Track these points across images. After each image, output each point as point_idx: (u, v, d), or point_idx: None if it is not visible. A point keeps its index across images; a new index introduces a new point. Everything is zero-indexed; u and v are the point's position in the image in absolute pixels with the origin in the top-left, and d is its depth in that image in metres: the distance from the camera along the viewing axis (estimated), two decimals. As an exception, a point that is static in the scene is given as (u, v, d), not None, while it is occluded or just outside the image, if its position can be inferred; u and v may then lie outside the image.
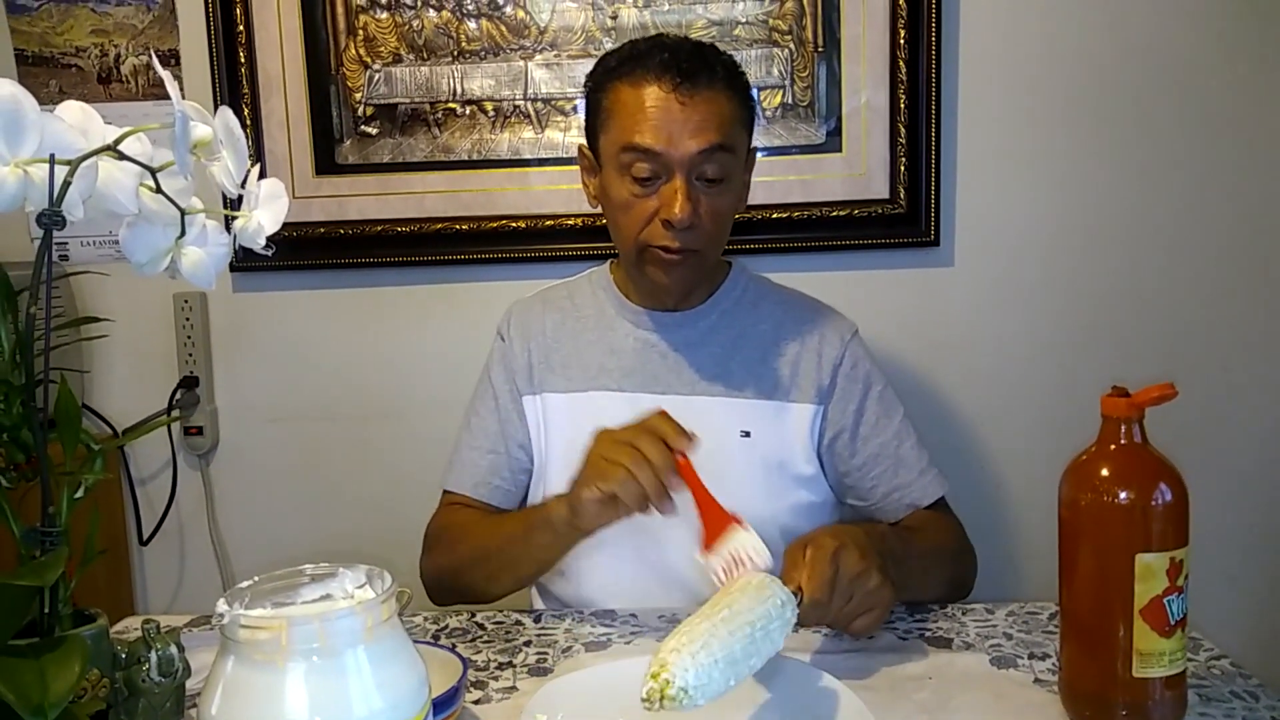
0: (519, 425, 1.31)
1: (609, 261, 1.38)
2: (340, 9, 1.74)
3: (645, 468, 0.99)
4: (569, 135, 1.75)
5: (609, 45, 1.72)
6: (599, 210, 1.27)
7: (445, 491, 1.33)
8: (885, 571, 0.98)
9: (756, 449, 1.24)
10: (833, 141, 1.72)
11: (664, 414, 1.03)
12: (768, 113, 1.71)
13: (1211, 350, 1.73)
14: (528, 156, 1.76)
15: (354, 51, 1.75)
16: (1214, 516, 1.61)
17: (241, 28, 1.73)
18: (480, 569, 1.20)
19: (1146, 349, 1.73)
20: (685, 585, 1.21)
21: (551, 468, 1.28)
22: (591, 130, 1.25)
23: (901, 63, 1.67)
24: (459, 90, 1.75)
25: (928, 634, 1.07)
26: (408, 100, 1.76)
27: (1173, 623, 0.81)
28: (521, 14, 1.73)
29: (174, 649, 0.80)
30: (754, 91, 1.26)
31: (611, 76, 1.20)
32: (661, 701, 0.74)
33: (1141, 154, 1.70)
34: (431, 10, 1.74)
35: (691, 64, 1.16)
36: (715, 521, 0.99)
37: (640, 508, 1.01)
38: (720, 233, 1.22)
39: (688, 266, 1.21)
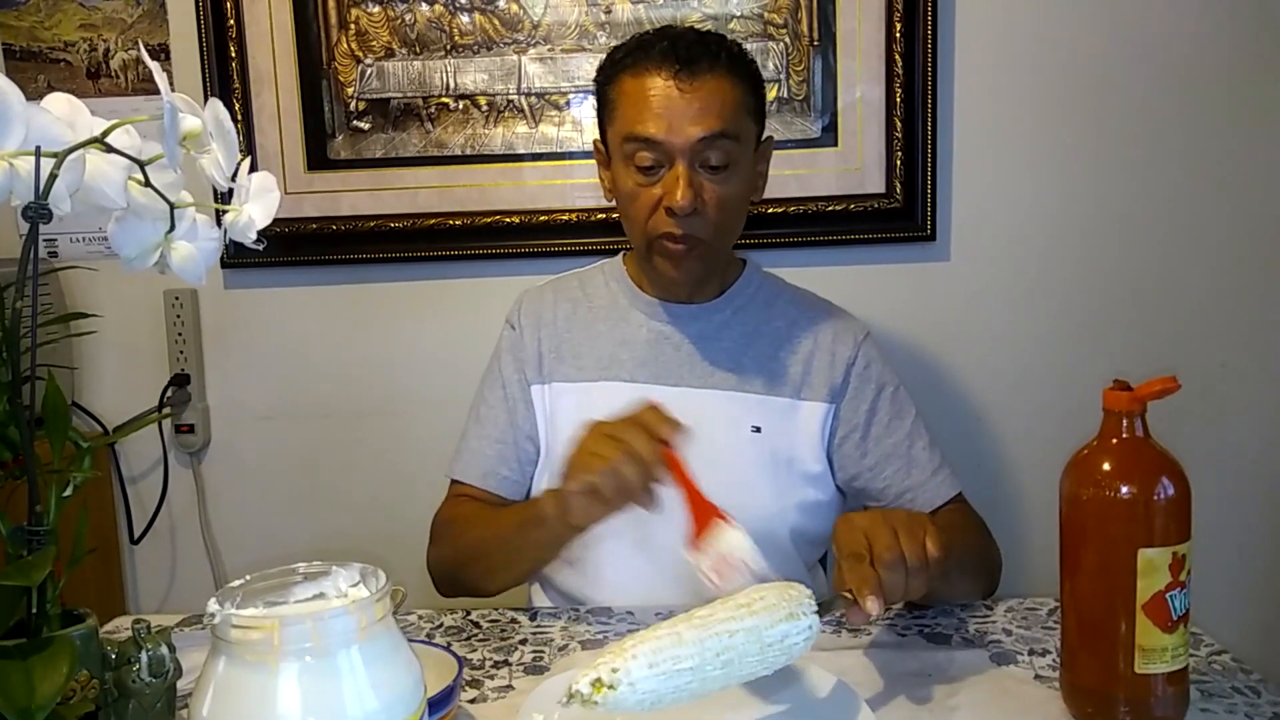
0: (527, 416, 1.30)
1: (622, 253, 1.37)
2: (332, 2, 1.72)
3: (630, 462, 0.95)
4: (563, 130, 1.74)
5: (603, 40, 1.71)
6: (611, 204, 1.27)
7: (453, 481, 1.31)
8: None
9: (767, 444, 1.23)
10: (828, 136, 1.71)
11: (653, 405, 1.00)
12: (763, 107, 1.70)
13: (1211, 344, 1.73)
14: (521, 151, 1.75)
15: (346, 45, 1.74)
16: (1214, 511, 1.60)
17: (232, 21, 1.71)
18: (479, 564, 1.19)
19: (1145, 343, 1.73)
20: (693, 581, 1.20)
21: (557, 458, 1.27)
22: (601, 123, 1.25)
23: (897, 57, 1.66)
24: (452, 85, 1.74)
25: (926, 630, 1.06)
26: (400, 95, 1.75)
27: (1175, 618, 0.80)
28: (515, 8, 1.72)
29: (165, 649, 0.79)
30: (763, 79, 1.24)
31: (618, 69, 1.20)
32: (594, 691, 0.72)
33: (1138, 147, 1.70)
34: (424, 4, 1.72)
35: (692, 51, 1.15)
36: (703, 516, 0.96)
37: (624, 502, 0.98)
38: (728, 222, 1.21)
39: (695, 258, 1.20)
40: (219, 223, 0.74)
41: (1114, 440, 0.83)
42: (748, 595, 0.82)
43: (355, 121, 1.76)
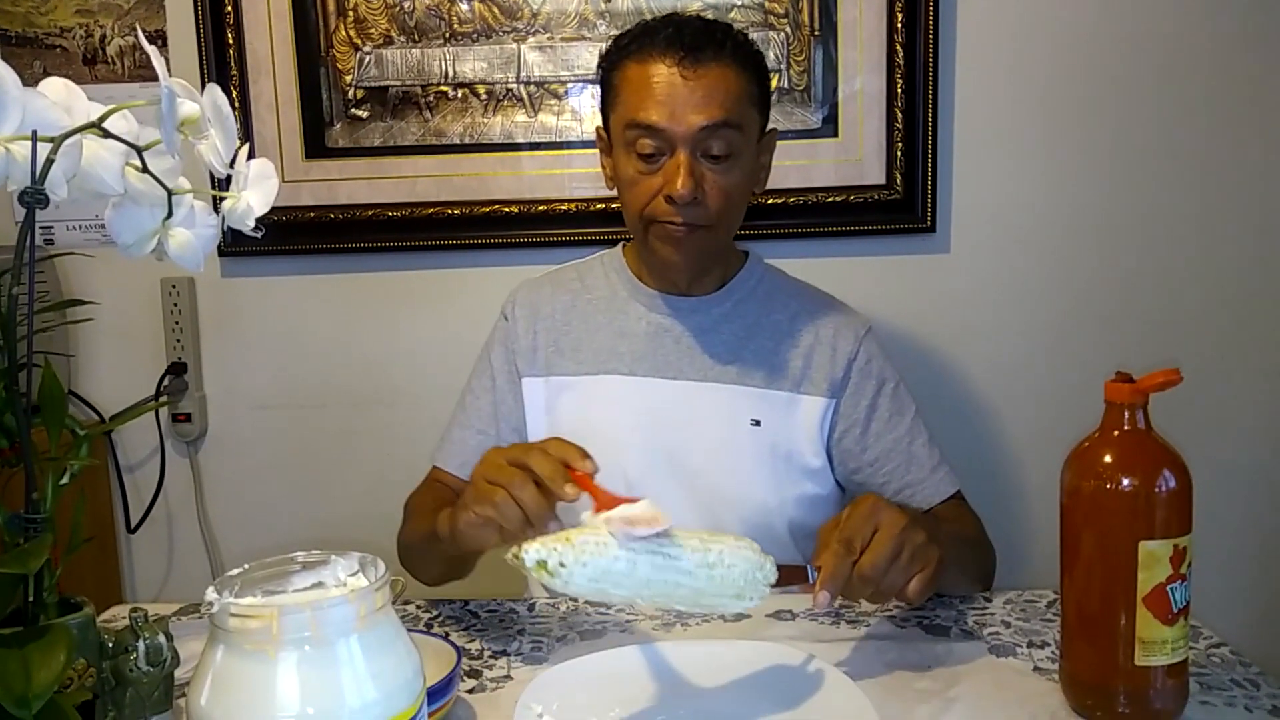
0: (514, 408, 1.29)
1: (621, 244, 1.36)
2: (330, -10, 1.72)
3: (528, 490, 0.89)
4: (562, 119, 1.73)
5: (603, 28, 1.70)
6: (610, 193, 1.26)
7: (433, 466, 1.32)
8: (926, 529, 0.93)
9: (766, 438, 1.23)
10: (828, 127, 1.70)
11: (559, 439, 0.92)
12: (763, 97, 1.69)
13: (1211, 336, 1.73)
14: (520, 141, 1.74)
15: (344, 33, 1.73)
16: (1214, 503, 1.60)
17: (229, 8, 1.71)
18: (411, 554, 1.21)
19: (1144, 336, 1.72)
20: None
21: None
22: (604, 110, 1.24)
23: (898, 47, 1.66)
24: (451, 73, 1.73)
25: (925, 622, 1.06)
26: (399, 83, 1.74)
27: (1175, 611, 0.80)
28: (514, -4, 1.71)
29: (162, 638, 0.78)
30: (768, 70, 1.23)
31: (622, 55, 1.19)
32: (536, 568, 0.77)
33: (1139, 140, 1.69)
34: (423, -9, 1.71)
35: (697, 39, 1.15)
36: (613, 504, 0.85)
37: (521, 530, 0.90)
38: (728, 211, 1.20)
39: (694, 241, 1.19)
40: (217, 209, 0.74)
41: (1115, 432, 0.83)
42: (719, 554, 0.82)
43: (353, 110, 1.75)
